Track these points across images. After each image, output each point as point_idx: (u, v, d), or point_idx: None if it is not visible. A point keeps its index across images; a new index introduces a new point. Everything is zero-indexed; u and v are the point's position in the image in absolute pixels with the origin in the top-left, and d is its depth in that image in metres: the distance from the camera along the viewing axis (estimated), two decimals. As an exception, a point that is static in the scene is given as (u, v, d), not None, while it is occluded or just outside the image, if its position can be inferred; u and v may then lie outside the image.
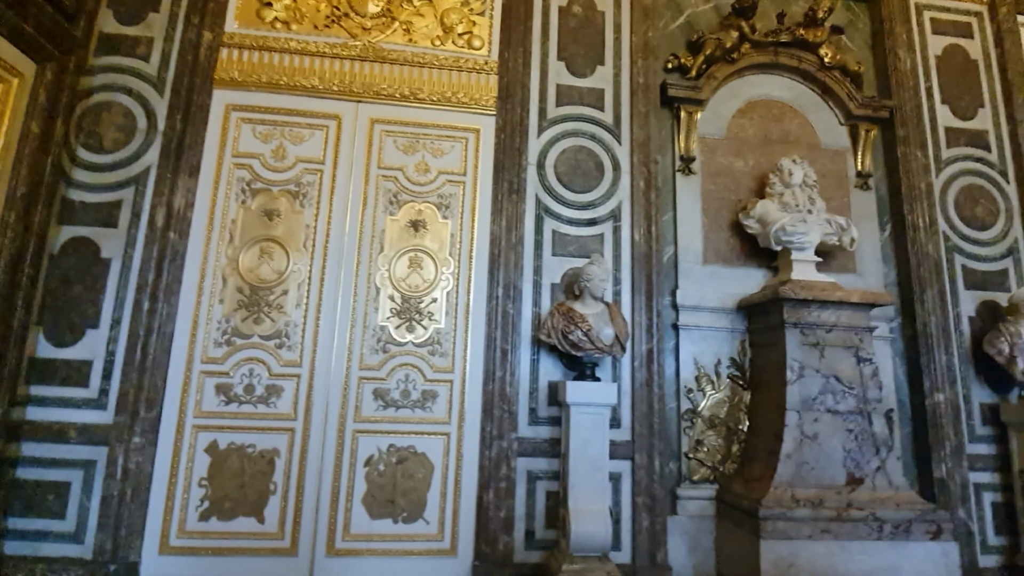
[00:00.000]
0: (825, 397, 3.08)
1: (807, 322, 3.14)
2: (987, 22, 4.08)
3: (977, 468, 3.38)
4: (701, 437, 3.31)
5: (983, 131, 3.91)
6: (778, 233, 3.29)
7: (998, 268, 3.71)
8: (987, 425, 3.45)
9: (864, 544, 2.75)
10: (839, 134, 3.90)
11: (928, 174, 3.76)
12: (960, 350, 3.54)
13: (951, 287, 3.64)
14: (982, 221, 3.76)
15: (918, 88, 3.88)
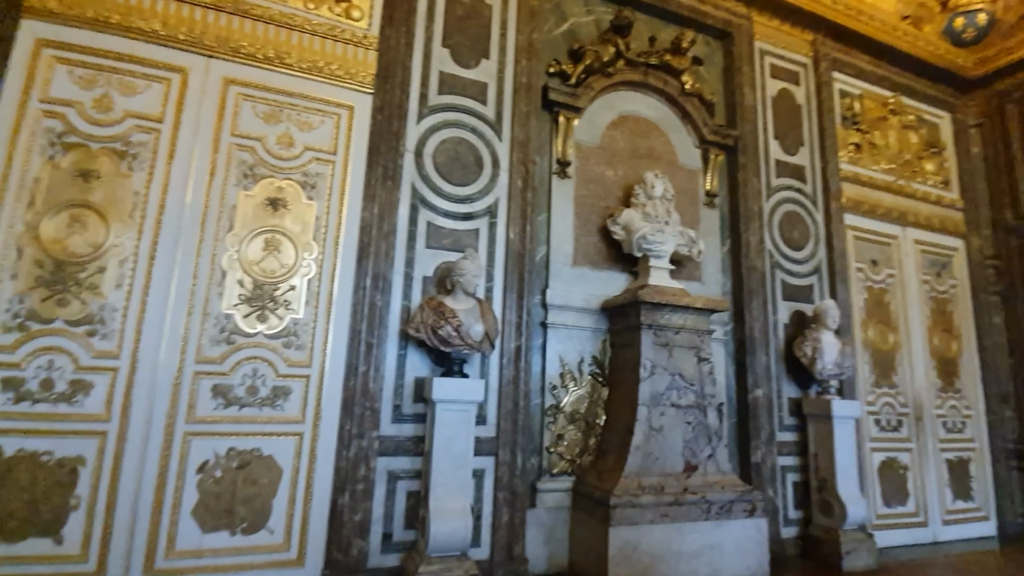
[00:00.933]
0: (671, 393, 3.37)
1: (660, 324, 3.41)
2: (810, 73, 4.78)
3: (784, 453, 3.96)
4: (562, 432, 3.44)
5: (802, 166, 4.58)
6: (640, 241, 3.53)
7: (807, 283, 4.37)
8: (792, 416, 4.06)
9: (695, 525, 3.06)
10: (694, 155, 4.30)
11: (760, 199, 4.30)
12: (775, 352, 4.11)
13: (772, 298, 4.21)
14: (798, 243, 4.40)
15: (756, 123, 4.43)
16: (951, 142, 5.45)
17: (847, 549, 3.57)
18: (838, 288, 4.40)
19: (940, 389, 4.82)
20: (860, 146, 4.98)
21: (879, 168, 5.02)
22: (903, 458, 4.49)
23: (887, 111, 5.15)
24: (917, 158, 5.24)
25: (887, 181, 5.00)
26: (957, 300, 5.11)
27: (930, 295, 4.99)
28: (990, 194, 5.28)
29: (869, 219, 4.82)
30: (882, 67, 5.13)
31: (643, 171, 3.86)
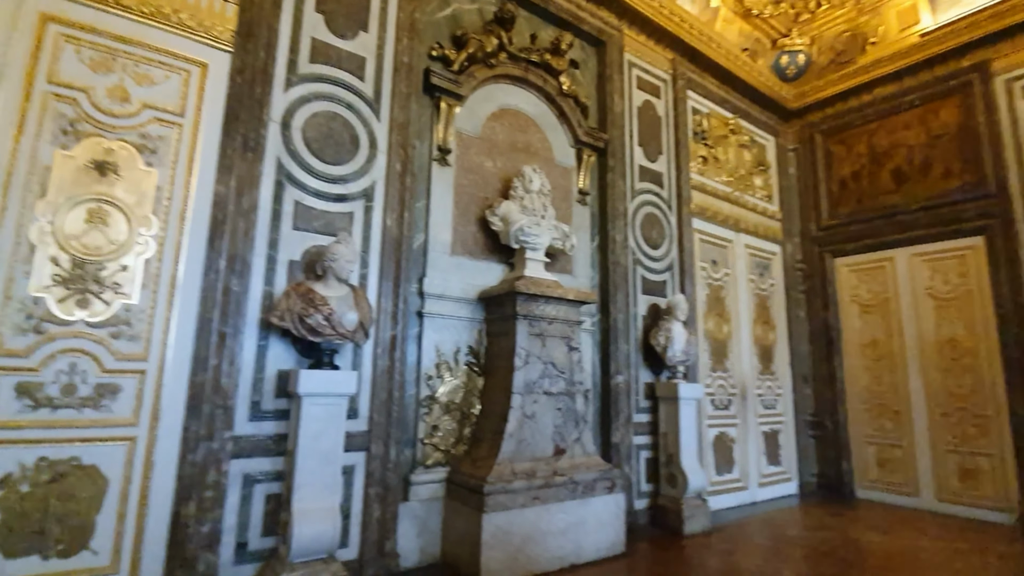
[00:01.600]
0: (543, 381, 3.51)
1: (535, 315, 3.53)
2: (670, 89, 5.27)
3: (639, 433, 4.34)
4: (437, 422, 3.41)
5: (661, 173, 5.03)
6: (517, 233, 3.61)
7: (662, 279, 4.82)
8: (647, 399, 4.46)
9: (563, 504, 3.23)
10: (569, 154, 4.50)
11: (625, 200, 4.65)
12: (635, 341, 4.48)
13: (633, 291, 4.58)
14: (656, 242, 4.83)
15: (624, 129, 4.76)
16: (774, 162, 6.38)
17: (687, 515, 4.03)
18: (686, 284, 4.92)
19: (760, 372, 5.64)
20: (706, 159, 5.61)
21: (720, 180, 5.70)
22: (731, 432, 5.19)
23: (728, 130, 5.87)
24: (749, 174, 6.04)
25: (726, 192, 5.70)
26: (774, 297, 6.02)
27: (755, 292, 5.81)
28: (801, 208, 6.29)
29: (711, 224, 5.47)
30: (726, 91, 5.83)
31: (522, 165, 3.95)
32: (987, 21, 4.92)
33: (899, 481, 5.24)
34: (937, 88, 5.28)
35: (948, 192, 5.13)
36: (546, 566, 3.11)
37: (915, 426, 5.17)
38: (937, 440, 5.02)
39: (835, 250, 5.95)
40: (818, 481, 5.72)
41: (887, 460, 5.35)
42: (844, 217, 5.90)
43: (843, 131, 6.01)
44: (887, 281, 5.52)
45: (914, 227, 5.31)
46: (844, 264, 5.89)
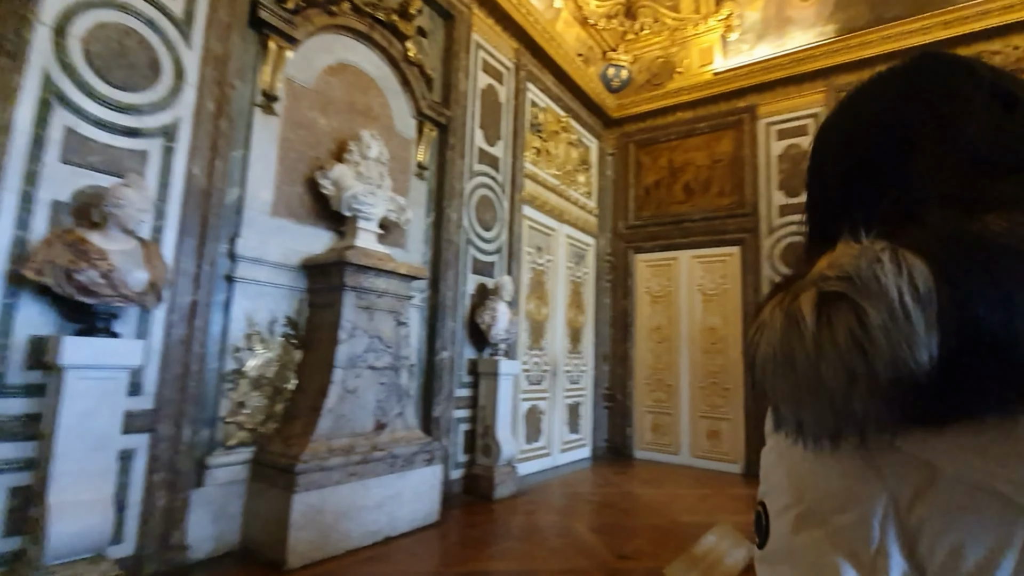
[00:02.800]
0: (368, 355, 3.42)
1: (363, 287, 3.40)
2: (512, 77, 5.45)
3: (459, 407, 4.50)
4: (244, 399, 3.09)
5: (498, 157, 5.21)
6: (350, 200, 3.42)
7: (491, 260, 5.03)
8: (469, 375, 4.64)
9: (381, 479, 3.21)
10: (410, 125, 4.39)
11: (463, 179, 4.71)
12: (461, 319, 4.62)
13: (464, 270, 4.69)
14: (488, 224, 5.01)
15: (467, 109, 4.81)
16: (596, 163, 7.06)
17: (498, 481, 4.33)
18: (513, 267, 5.21)
19: (569, 352, 6.27)
20: (540, 151, 5.96)
21: (550, 172, 6.11)
22: (541, 405, 5.69)
23: (560, 127, 6.31)
24: (575, 170, 6.59)
25: (554, 184, 6.15)
26: (586, 284, 6.71)
27: (570, 279, 6.40)
28: (613, 207, 7.08)
29: (539, 212, 5.85)
30: (561, 90, 6.24)
31: (360, 128, 3.74)
32: (758, 73, 6.07)
33: (666, 443, 6.31)
34: (721, 121, 6.37)
35: (720, 208, 6.25)
36: (359, 541, 3.07)
37: (681, 397, 6.27)
38: (695, 408, 6.17)
39: (637, 247, 6.84)
40: (607, 446, 6.60)
41: (659, 425, 6.40)
42: (646, 219, 6.81)
43: (651, 144, 6.90)
44: (672, 277, 6.55)
45: (695, 234, 6.37)
46: (642, 260, 6.81)
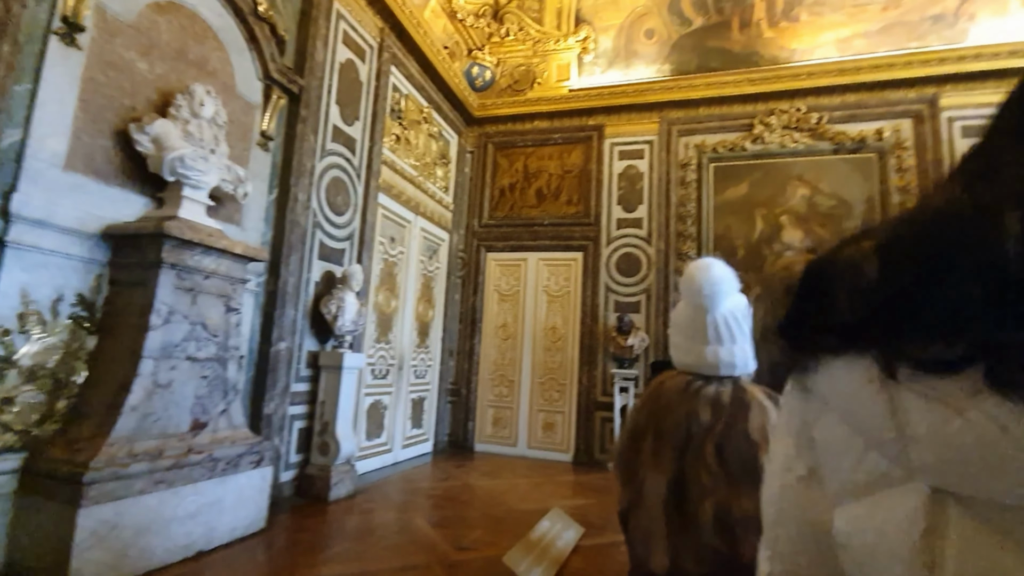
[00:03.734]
0: (188, 344, 2.98)
1: (187, 265, 2.96)
2: (375, 57, 5.20)
3: (295, 403, 4.16)
4: (12, 394, 2.47)
5: (354, 139, 4.92)
6: (176, 163, 2.94)
7: (341, 247, 4.73)
8: (308, 368, 4.32)
9: (198, 486, 2.82)
10: (255, 88, 3.93)
11: (315, 157, 4.36)
12: (304, 308, 4.27)
13: (309, 255, 4.34)
14: (340, 208, 4.71)
15: (324, 81, 4.46)
16: (455, 158, 7.07)
17: (335, 481, 4.10)
18: (364, 256, 4.97)
19: (417, 346, 6.19)
20: (399, 138, 5.78)
21: (409, 162, 5.97)
22: (385, 400, 5.52)
23: (422, 117, 6.19)
24: (433, 163, 6.53)
25: (412, 175, 6.01)
26: (437, 279, 6.68)
27: (422, 272, 6.32)
28: (469, 205, 7.16)
29: (395, 202, 5.67)
30: (425, 80, 6.13)
31: (192, 82, 3.24)
32: (607, 96, 6.64)
33: (506, 435, 6.58)
34: (573, 135, 6.83)
35: (568, 216, 6.71)
36: (166, 558, 2.66)
37: (521, 392, 6.59)
38: (533, 403, 6.53)
39: (488, 245, 7.01)
40: (449, 439, 6.66)
41: (499, 419, 6.64)
42: (499, 219, 7.02)
43: (509, 147, 7.13)
44: (520, 277, 6.84)
45: (543, 238, 6.74)
46: (493, 258, 7.00)
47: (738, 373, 1.04)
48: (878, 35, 5.89)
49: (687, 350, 1.06)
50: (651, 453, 0.99)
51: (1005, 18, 5.55)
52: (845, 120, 5.93)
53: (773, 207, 6.03)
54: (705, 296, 1.03)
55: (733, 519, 0.89)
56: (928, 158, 5.60)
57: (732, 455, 0.94)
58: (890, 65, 5.72)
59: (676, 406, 1.01)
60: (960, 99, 5.58)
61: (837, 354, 0.35)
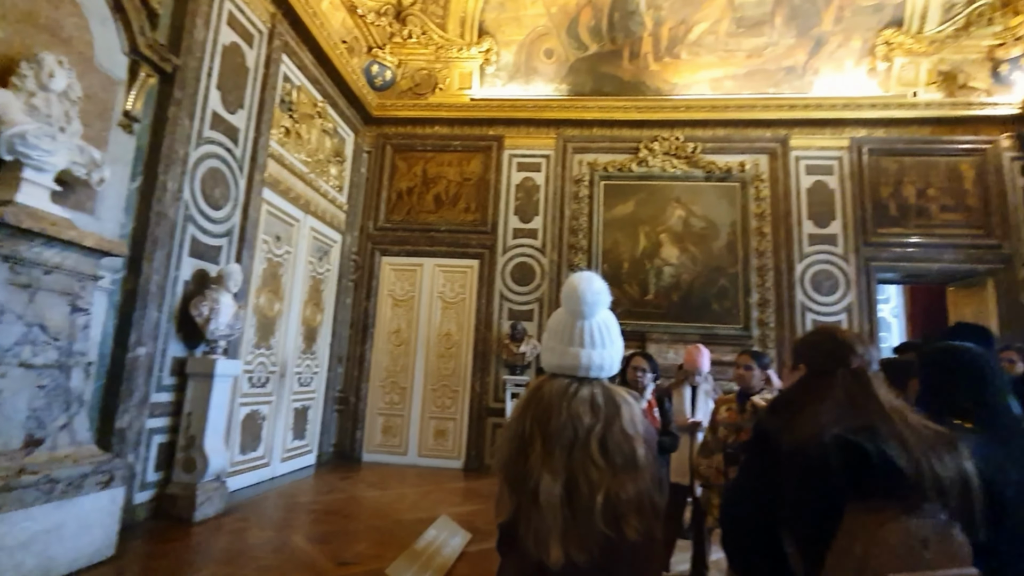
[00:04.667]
0: (22, 348, 2.57)
1: (23, 258, 2.56)
2: (264, 43, 4.87)
3: (156, 415, 3.74)
4: None
5: (237, 128, 4.56)
6: (15, 140, 2.54)
7: (217, 244, 4.36)
8: (173, 376, 3.90)
9: (31, 511, 2.44)
10: (119, 63, 3.51)
11: (189, 144, 3.98)
12: (169, 309, 3.86)
13: (179, 251, 3.95)
14: (217, 202, 4.33)
15: (203, 63, 4.09)
16: (351, 157, 6.82)
17: (202, 500, 3.74)
18: (244, 255, 4.61)
19: (302, 351, 5.85)
20: (289, 132, 5.46)
21: (299, 158, 5.65)
22: (264, 410, 5.15)
23: (316, 112, 5.91)
24: (327, 161, 6.24)
25: (303, 171, 5.70)
26: (327, 282, 6.39)
27: (311, 274, 6.01)
28: (364, 206, 6.93)
29: (283, 199, 5.34)
30: (320, 73, 5.85)
31: (41, 49, 2.82)
32: (507, 109, 6.81)
33: (396, 444, 6.43)
34: (473, 143, 6.90)
35: (465, 223, 6.75)
36: (-20, 601, 2.26)
37: (413, 399, 6.49)
38: (425, 410, 6.46)
39: (384, 249, 6.83)
40: (334, 450, 6.36)
41: (390, 427, 6.47)
42: (395, 223, 6.87)
43: (408, 151, 7.02)
44: (416, 282, 6.75)
45: (441, 244, 6.71)
46: (388, 263, 6.84)
47: (604, 375, 1.15)
48: (744, 79, 6.67)
49: (562, 352, 1.15)
50: (541, 457, 1.04)
51: (843, 75, 6.55)
52: (715, 151, 6.62)
53: (655, 225, 6.55)
54: (587, 304, 1.13)
55: (621, 504, 1.00)
56: (780, 190, 6.43)
57: (614, 449, 1.04)
58: (752, 106, 6.49)
59: (559, 409, 1.08)
60: (805, 141, 6.49)
61: None
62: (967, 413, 1.33)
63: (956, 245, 6.09)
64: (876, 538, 0.91)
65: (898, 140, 6.34)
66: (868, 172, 6.32)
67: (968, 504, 0.96)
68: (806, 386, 1.20)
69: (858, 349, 1.18)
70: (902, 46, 6.25)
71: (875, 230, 6.23)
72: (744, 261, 6.33)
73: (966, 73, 6.27)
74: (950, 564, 0.90)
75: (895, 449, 0.96)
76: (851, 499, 0.96)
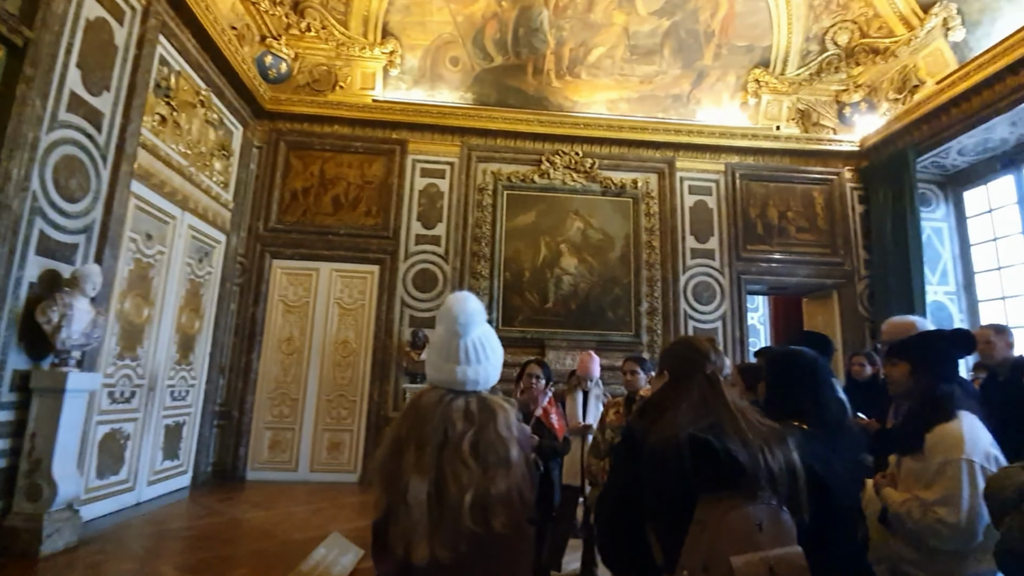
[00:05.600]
0: None
1: None
2: (137, 20, 4.40)
3: (-13, 438, 3.21)
4: None
5: (101, 112, 4.07)
6: None
7: (73, 241, 3.85)
8: (13, 392, 3.38)
9: None
10: (-54, 26, 3.00)
11: (40, 127, 3.49)
12: (9, 315, 3.35)
13: (23, 248, 3.44)
14: (74, 194, 3.83)
15: (61, 37, 3.62)
16: (238, 152, 6.35)
17: (49, 532, 3.27)
18: (106, 254, 4.11)
19: (176, 362, 5.32)
20: (166, 120, 4.98)
21: (177, 149, 5.17)
22: (127, 428, 4.61)
23: (198, 100, 5.44)
24: (211, 154, 5.76)
25: (181, 164, 5.21)
26: (209, 285, 5.88)
27: (189, 277, 5.50)
28: (253, 205, 6.48)
29: (156, 193, 4.85)
30: (204, 59, 5.40)
31: None
32: (412, 113, 6.73)
33: (284, 460, 6.04)
34: (375, 146, 6.73)
35: (365, 227, 6.56)
36: None
37: (306, 411, 6.15)
38: (319, 422, 6.15)
39: (275, 252, 6.43)
40: (213, 469, 5.84)
41: (278, 442, 6.08)
42: (289, 225, 6.50)
43: (305, 149, 6.69)
44: (311, 287, 6.42)
45: (339, 248, 6.45)
46: (280, 266, 6.44)
47: (480, 388, 1.23)
48: (637, 102, 7.16)
49: (440, 368, 1.22)
50: (414, 459, 1.09)
51: (720, 106, 7.25)
52: (612, 168, 7.03)
53: (555, 236, 6.80)
54: (460, 324, 1.20)
55: (490, 499, 1.06)
56: (667, 207, 6.96)
57: (487, 449, 1.11)
58: (643, 128, 6.98)
59: (433, 416, 1.14)
60: (688, 164, 7.09)
61: None
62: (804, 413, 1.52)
63: (809, 262, 6.96)
64: (721, 525, 1.02)
65: (764, 167, 7.14)
66: (740, 194, 7.04)
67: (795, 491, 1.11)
68: (668, 390, 1.32)
69: (712, 357, 1.32)
70: (768, 85, 7.06)
71: (745, 247, 6.95)
72: (636, 272, 6.76)
73: (818, 112, 7.22)
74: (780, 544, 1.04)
75: (737, 444, 1.08)
76: (702, 491, 1.08)
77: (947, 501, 1.47)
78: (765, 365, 1.68)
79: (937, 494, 1.50)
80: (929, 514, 1.49)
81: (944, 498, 1.48)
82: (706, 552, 1.00)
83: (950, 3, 5.81)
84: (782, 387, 1.57)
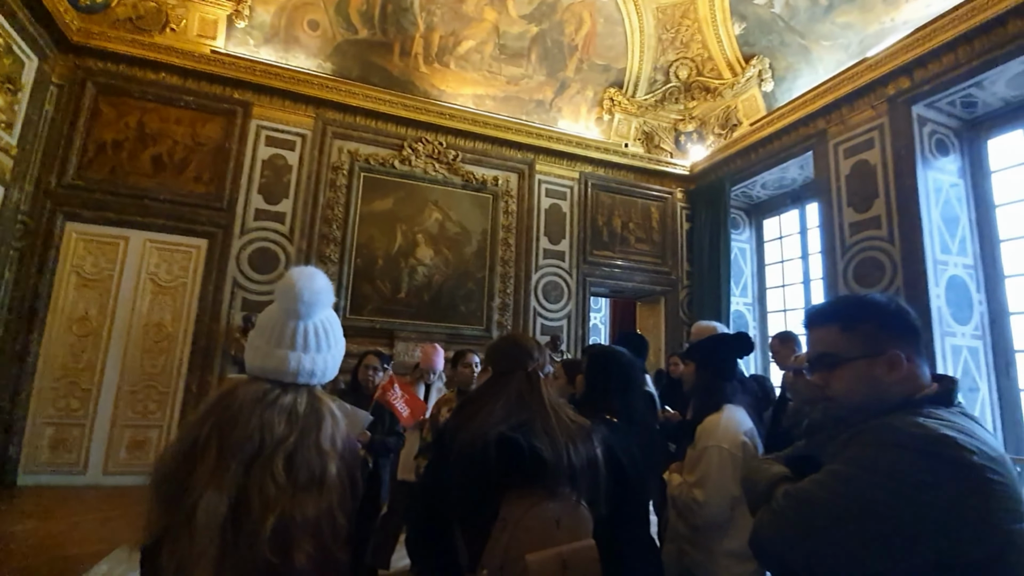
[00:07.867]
0: None
1: None
2: None
3: None
4: None
5: None
6: None
7: None
8: None
9: None
10: None
11: None
12: None
13: None
14: None
15: None
16: (30, 88, 5.15)
17: None
18: None
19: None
20: (-89, 30, 3.86)
21: (-72, 69, 4.04)
22: None
23: (-35, 13, 4.31)
24: (-17, 83, 4.61)
25: (-66, 89, 4.09)
26: (-29, 247, 4.71)
27: (-60, 234, 4.34)
28: (45, 154, 5.32)
29: None
30: (-22, -39, 4.29)
31: None
32: (260, 74, 6.05)
33: (71, 461, 5.09)
34: (212, 103, 5.94)
35: (193, 195, 5.76)
36: None
37: (101, 404, 5.23)
38: (119, 416, 5.27)
39: (71, 213, 5.36)
40: (-36, 475, 4.70)
41: (64, 440, 5.10)
42: (92, 182, 5.46)
43: (120, 95, 5.66)
44: (117, 258, 5.46)
45: (157, 215, 5.58)
46: (76, 230, 5.38)
47: (315, 382, 1.06)
48: (502, 101, 7.29)
49: (267, 354, 1.04)
50: (212, 470, 0.91)
51: (578, 117, 7.70)
52: (474, 163, 7.07)
53: (412, 225, 6.64)
54: (304, 303, 1.02)
55: (294, 527, 0.90)
56: (525, 207, 7.21)
57: (301, 465, 0.95)
58: (507, 127, 7.13)
59: (248, 417, 0.96)
60: (547, 168, 7.41)
61: None
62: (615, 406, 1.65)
63: (644, 270, 7.72)
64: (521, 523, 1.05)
65: (613, 180, 7.75)
66: (591, 202, 7.55)
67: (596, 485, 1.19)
68: (490, 385, 1.33)
69: (535, 354, 1.36)
70: (620, 104, 7.66)
71: (592, 251, 7.48)
72: (491, 268, 6.89)
73: (659, 136, 8.02)
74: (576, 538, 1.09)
75: (544, 442, 1.12)
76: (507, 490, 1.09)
77: (701, 483, 1.70)
78: (586, 361, 1.80)
79: (695, 476, 1.72)
80: (687, 494, 1.72)
81: (699, 480, 1.71)
82: (503, 552, 1.02)
83: (765, 58, 6.84)
84: (599, 382, 1.68)
